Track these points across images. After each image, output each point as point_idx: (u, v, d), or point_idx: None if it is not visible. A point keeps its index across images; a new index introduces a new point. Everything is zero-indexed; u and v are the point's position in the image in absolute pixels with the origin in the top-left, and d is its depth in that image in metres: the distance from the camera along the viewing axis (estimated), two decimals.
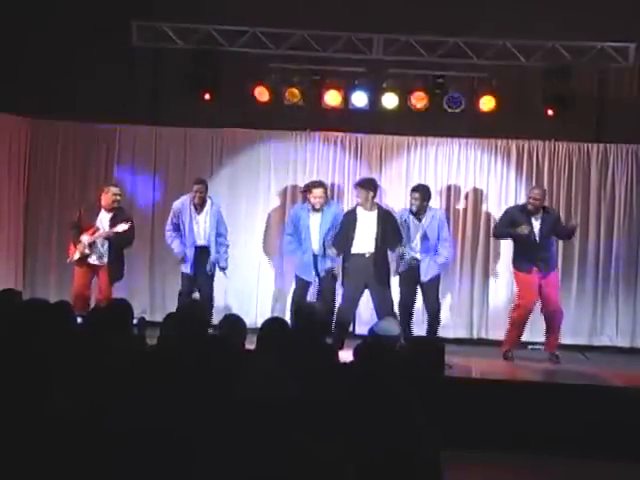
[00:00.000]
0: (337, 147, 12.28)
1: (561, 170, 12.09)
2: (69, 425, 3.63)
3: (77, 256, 10.83)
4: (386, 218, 10.77)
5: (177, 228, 11.12)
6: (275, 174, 12.28)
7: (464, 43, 11.40)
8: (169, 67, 12.23)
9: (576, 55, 11.29)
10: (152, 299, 12.31)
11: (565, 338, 11.68)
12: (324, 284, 10.92)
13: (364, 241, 10.71)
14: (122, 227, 10.89)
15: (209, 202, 11.14)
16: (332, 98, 11.66)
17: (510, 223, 10.61)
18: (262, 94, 11.68)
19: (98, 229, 10.86)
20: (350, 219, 10.77)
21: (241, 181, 12.30)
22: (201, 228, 11.12)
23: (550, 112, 11.45)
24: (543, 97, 11.48)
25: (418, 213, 10.80)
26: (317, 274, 10.96)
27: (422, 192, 10.87)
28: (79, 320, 7.54)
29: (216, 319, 7.46)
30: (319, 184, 11.13)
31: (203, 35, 11.53)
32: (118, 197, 11.03)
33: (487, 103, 11.54)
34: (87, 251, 10.82)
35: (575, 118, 11.76)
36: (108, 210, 10.95)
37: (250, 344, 6.59)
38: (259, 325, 6.72)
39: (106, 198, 10.95)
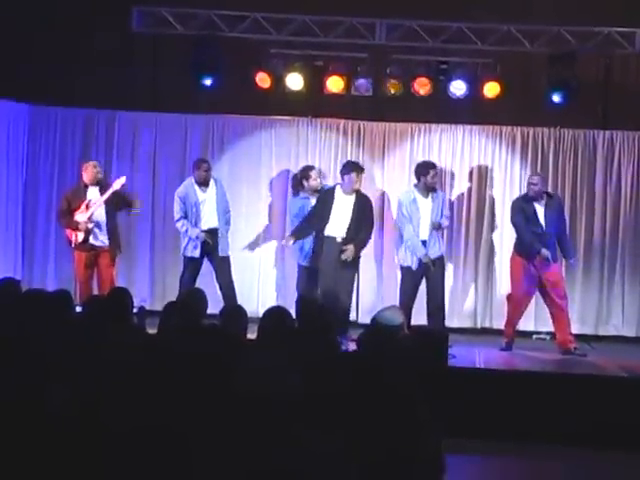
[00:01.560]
0: (339, 134, 12.27)
1: (566, 158, 12.07)
2: (68, 419, 3.65)
3: (82, 236, 10.81)
4: (364, 204, 10.83)
5: (186, 215, 11.07)
6: (277, 161, 12.27)
7: (468, 28, 11.39)
8: (169, 53, 12.23)
9: (581, 41, 11.27)
10: (152, 288, 12.31)
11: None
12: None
13: (338, 225, 10.73)
14: (119, 182, 10.93)
15: (212, 182, 11.15)
16: (334, 84, 11.65)
17: (524, 217, 10.60)
18: (263, 80, 11.68)
19: (90, 202, 10.87)
20: (327, 199, 10.78)
21: (242, 168, 12.29)
22: (207, 209, 11.09)
23: (555, 98, 11.43)
24: (548, 83, 11.46)
25: (434, 190, 10.84)
26: None
27: (437, 169, 11.00)
28: (79, 309, 7.58)
29: (217, 308, 7.45)
30: (312, 167, 11.32)
31: (203, 20, 11.53)
32: (99, 169, 11.09)
33: (491, 89, 11.53)
34: (89, 225, 10.80)
35: (580, 105, 11.74)
36: (94, 184, 10.97)
37: (251, 333, 6.62)
38: (260, 314, 6.74)
39: (89, 173, 10.98)
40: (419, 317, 10.80)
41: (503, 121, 12.12)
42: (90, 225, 10.82)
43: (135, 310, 8.30)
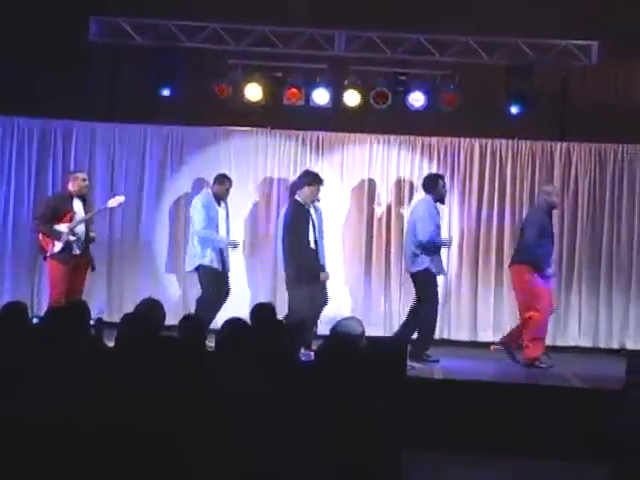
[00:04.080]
0: (298, 145, 12.32)
1: (524, 169, 12.19)
2: (30, 428, 3.65)
3: (59, 247, 10.64)
4: (321, 216, 11.10)
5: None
6: (236, 172, 12.27)
7: (427, 40, 11.46)
8: (128, 63, 12.23)
9: (539, 53, 11.38)
10: (109, 300, 12.26)
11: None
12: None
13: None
14: (117, 200, 10.98)
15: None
16: (293, 95, 11.68)
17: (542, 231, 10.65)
18: (222, 91, 11.68)
19: (75, 214, 10.76)
20: (308, 216, 10.80)
21: (200, 179, 12.29)
22: (222, 225, 11.21)
23: (513, 110, 11.55)
24: (506, 95, 11.57)
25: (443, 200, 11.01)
26: None
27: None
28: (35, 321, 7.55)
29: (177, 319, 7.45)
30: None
31: (162, 31, 11.52)
32: (87, 182, 11.02)
33: (450, 101, 11.61)
34: (72, 238, 10.67)
35: (538, 116, 11.87)
36: (79, 196, 10.87)
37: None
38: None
39: (76, 184, 10.85)
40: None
41: (461, 132, 12.21)
42: (72, 238, 10.68)
43: (92, 322, 8.28)
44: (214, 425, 3.63)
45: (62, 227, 10.68)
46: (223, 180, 11.26)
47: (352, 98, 11.71)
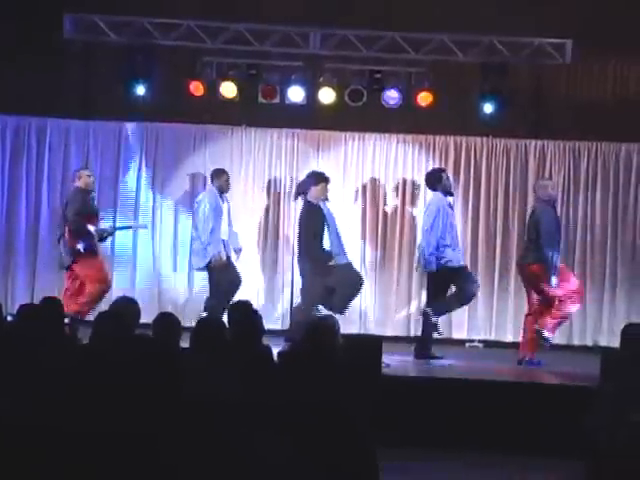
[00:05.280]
0: (273, 142, 12.32)
1: (499, 167, 12.25)
2: (6, 426, 3.64)
3: (82, 246, 10.64)
4: None
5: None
6: (210, 170, 12.26)
7: (402, 38, 11.47)
8: (102, 60, 12.17)
9: (513, 51, 11.42)
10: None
11: (505, 336, 11.92)
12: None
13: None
14: (140, 227, 11.69)
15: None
16: (268, 93, 11.68)
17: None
18: (197, 88, 11.66)
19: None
20: (320, 214, 10.85)
21: (175, 176, 12.29)
22: (225, 219, 11.31)
23: (487, 108, 11.58)
24: (480, 93, 11.60)
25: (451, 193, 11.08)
26: None
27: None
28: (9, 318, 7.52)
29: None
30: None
31: (136, 28, 11.47)
32: (92, 178, 11.14)
33: (425, 99, 11.64)
34: (96, 239, 10.81)
35: (513, 114, 11.92)
36: (89, 192, 10.95)
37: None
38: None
39: (82, 182, 10.86)
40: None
41: (436, 130, 12.25)
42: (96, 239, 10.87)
43: (67, 320, 8.26)
44: (186, 424, 3.63)
45: (91, 228, 10.74)
46: (220, 174, 11.33)
47: (327, 96, 11.71)
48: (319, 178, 11.01)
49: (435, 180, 10.90)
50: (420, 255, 10.92)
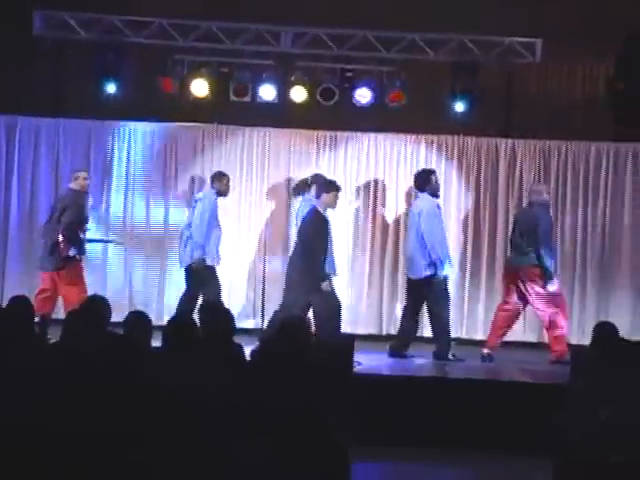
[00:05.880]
0: (245, 140, 12.29)
1: (470, 165, 12.28)
2: None
3: (73, 252, 10.66)
4: None
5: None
6: (181, 168, 12.25)
7: (373, 36, 11.49)
8: (73, 58, 12.12)
9: (484, 50, 11.46)
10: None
11: (477, 334, 11.94)
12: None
13: None
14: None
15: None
16: (239, 91, 11.65)
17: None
18: (168, 86, 11.63)
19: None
20: (326, 226, 10.54)
21: (147, 174, 12.24)
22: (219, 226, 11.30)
23: (458, 107, 11.61)
24: (451, 92, 11.63)
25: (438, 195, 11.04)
26: None
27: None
28: None
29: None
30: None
31: (107, 25, 11.42)
32: (88, 180, 11.11)
33: (396, 97, 11.66)
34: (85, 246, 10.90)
35: (483, 113, 11.95)
36: (85, 196, 10.97)
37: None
38: None
39: (77, 184, 10.89)
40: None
41: (407, 129, 12.27)
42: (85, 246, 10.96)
43: (37, 319, 8.20)
44: (159, 422, 3.62)
45: (81, 236, 10.79)
46: (221, 177, 11.27)
47: (299, 94, 11.70)
48: (331, 187, 10.61)
49: (424, 181, 10.89)
50: (412, 260, 10.83)
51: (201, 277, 10.97)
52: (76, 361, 4.68)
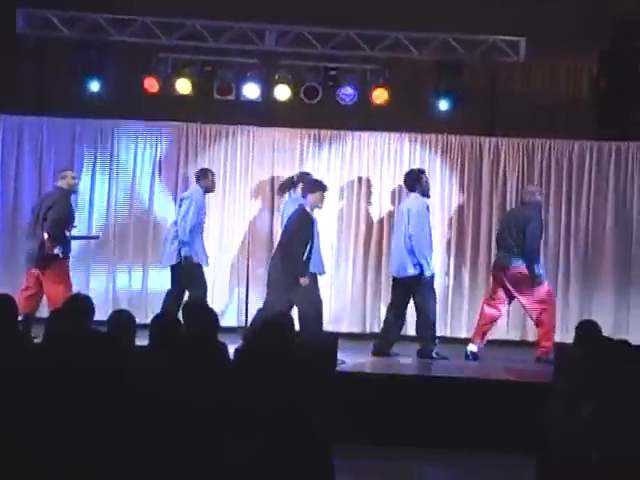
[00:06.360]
0: (228, 139, 12.29)
1: (454, 163, 12.31)
2: None
3: (59, 250, 10.58)
4: None
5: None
6: (165, 166, 12.24)
7: (357, 35, 11.50)
8: (55, 56, 12.11)
9: (468, 49, 11.48)
10: None
11: (461, 332, 11.97)
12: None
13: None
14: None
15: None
16: (223, 90, 11.66)
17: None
18: (152, 85, 11.62)
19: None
20: (313, 226, 10.55)
21: (130, 173, 12.23)
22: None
23: (442, 105, 11.64)
24: (435, 90, 11.65)
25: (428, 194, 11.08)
26: None
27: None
28: None
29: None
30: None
31: (90, 24, 11.40)
32: (76, 180, 11.13)
33: (380, 96, 11.67)
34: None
35: (467, 112, 11.99)
36: (72, 195, 10.95)
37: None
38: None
39: (65, 182, 10.84)
40: None
41: (391, 127, 12.28)
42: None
43: (20, 318, 8.18)
44: (144, 421, 3.62)
45: (67, 234, 10.74)
46: (207, 174, 11.23)
47: (282, 93, 11.71)
48: (317, 186, 10.65)
49: (414, 181, 10.90)
50: (398, 259, 10.83)
51: (189, 274, 10.93)
52: (59, 361, 4.67)
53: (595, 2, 11.97)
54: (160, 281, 11.66)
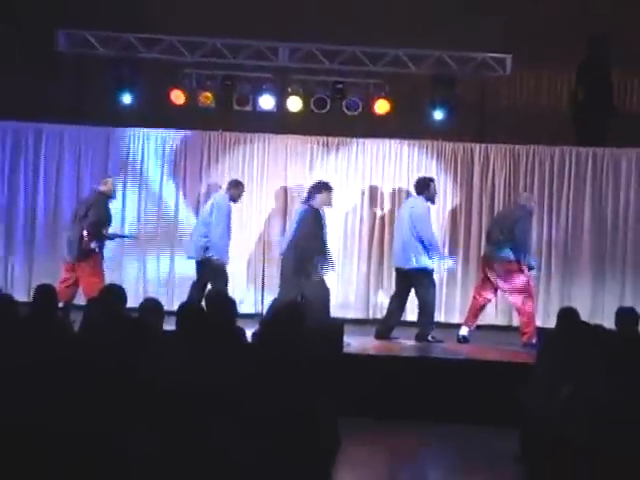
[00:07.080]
0: (247, 146, 12.32)
1: (447, 168, 12.32)
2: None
3: (95, 245, 10.64)
4: None
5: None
6: (190, 170, 12.28)
7: (361, 52, 11.52)
8: (92, 71, 12.15)
9: (460, 64, 11.48)
10: None
11: (454, 318, 11.97)
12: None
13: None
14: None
15: None
16: (241, 101, 11.69)
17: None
18: (178, 97, 11.65)
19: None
20: (322, 221, 10.55)
21: (158, 177, 12.27)
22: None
23: (437, 115, 11.66)
24: (431, 102, 11.66)
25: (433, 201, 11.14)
26: None
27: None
28: None
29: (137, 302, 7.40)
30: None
31: (123, 42, 11.43)
32: (115, 186, 11.19)
33: (381, 107, 11.69)
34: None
35: (460, 120, 11.99)
36: (110, 199, 10.97)
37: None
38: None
39: (106, 188, 10.89)
40: None
41: (392, 135, 12.31)
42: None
43: (61, 305, 8.21)
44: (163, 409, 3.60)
45: (104, 232, 10.78)
46: (239, 185, 11.20)
47: (294, 104, 11.73)
48: (323, 187, 10.64)
49: (423, 186, 10.94)
50: (401, 252, 10.79)
51: (214, 271, 10.92)
52: (94, 350, 4.67)
53: (572, 20, 12.03)
54: (185, 272, 11.65)
